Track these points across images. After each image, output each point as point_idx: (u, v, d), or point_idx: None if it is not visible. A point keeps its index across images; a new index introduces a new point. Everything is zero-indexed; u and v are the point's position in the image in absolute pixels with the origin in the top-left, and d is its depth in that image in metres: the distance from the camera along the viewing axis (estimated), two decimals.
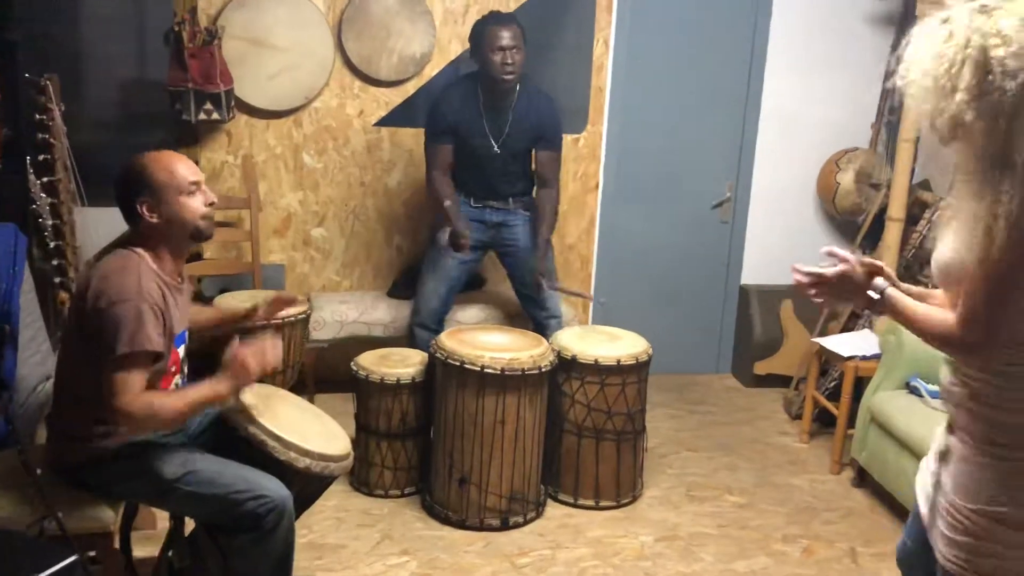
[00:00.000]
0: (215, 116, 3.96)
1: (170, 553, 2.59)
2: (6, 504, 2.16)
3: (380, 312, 4.21)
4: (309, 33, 4.15)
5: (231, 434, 2.31)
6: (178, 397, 2.16)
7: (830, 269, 1.82)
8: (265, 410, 2.33)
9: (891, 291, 1.80)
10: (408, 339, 4.00)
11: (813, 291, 1.84)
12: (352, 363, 3.47)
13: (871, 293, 1.79)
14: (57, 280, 2.82)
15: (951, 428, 1.86)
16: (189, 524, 2.57)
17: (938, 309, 1.77)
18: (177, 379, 2.30)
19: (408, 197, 4.48)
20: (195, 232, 2.25)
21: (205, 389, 2.15)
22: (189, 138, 4.15)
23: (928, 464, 1.97)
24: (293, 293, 2.51)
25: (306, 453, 2.31)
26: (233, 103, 4.04)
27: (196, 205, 2.23)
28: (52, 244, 2.80)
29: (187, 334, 2.37)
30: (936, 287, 1.92)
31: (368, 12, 4.18)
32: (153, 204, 2.18)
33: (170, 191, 2.18)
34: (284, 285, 4.39)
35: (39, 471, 2.03)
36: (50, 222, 2.77)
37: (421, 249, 4.49)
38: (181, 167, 2.22)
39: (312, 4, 4.15)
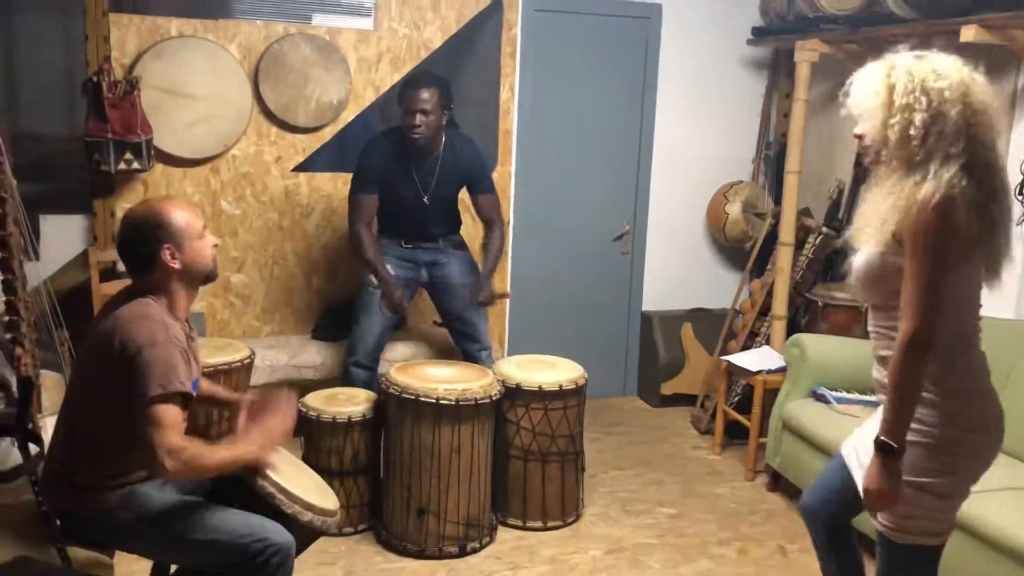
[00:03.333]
0: (135, 165, 3.94)
1: None
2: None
3: (310, 355, 4.25)
4: (226, 82, 4.19)
5: (230, 483, 2.34)
6: (219, 450, 2.21)
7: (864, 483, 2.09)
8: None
9: (882, 426, 2.03)
10: (343, 379, 4.06)
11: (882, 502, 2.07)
12: (300, 404, 3.51)
13: (886, 448, 2.00)
14: (9, 336, 2.76)
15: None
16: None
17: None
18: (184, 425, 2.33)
19: (327, 240, 4.56)
20: (209, 274, 2.32)
21: (240, 451, 2.24)
22: (105, 188, 4.10)
23: (860, 439, 2.26)
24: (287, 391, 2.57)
25: (309, 507, 2.35)
26: (153, 152, 4.02)
27: (207, 248, 2.31)
28: (3, 299, 2.74)
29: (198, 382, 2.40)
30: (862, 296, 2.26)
31: (285, 61, 4.27)
32: (175, 250, 2.23)
33: (188, 236, 2.25)
34: (205, 332, 4.36)
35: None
36: (0, 277, 2.72)
37: (341, 291, 4.58)
38: (191, 213, 2.29)
39: (228, 53, 4.20)
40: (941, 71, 1.97)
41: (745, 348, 4.69)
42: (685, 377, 5.11)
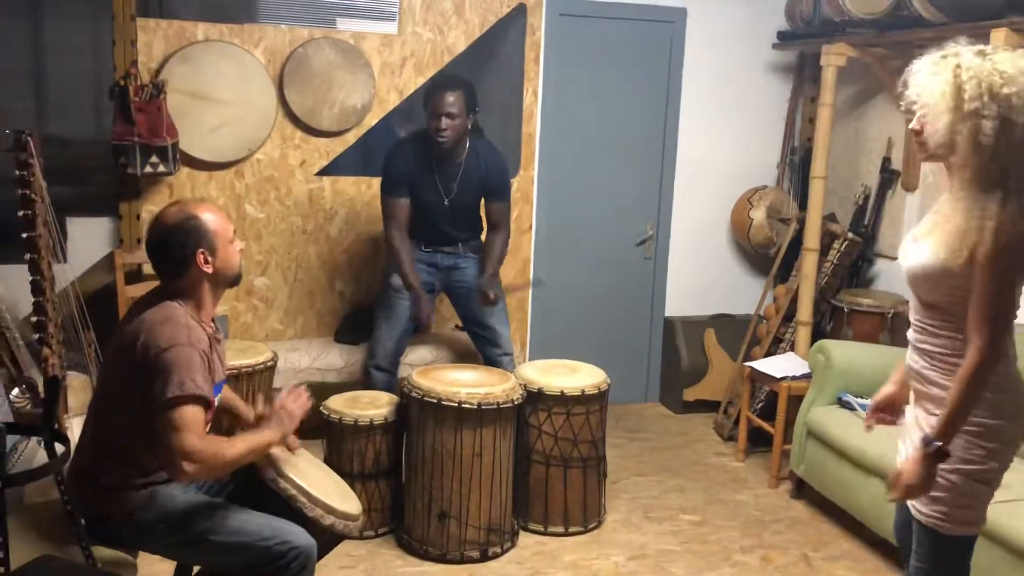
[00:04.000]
0: (161, 169, 3.96)
1: None
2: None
3: (332, 358, 4.26)
4: (252, 86, 4.21)
5: (252, 486, 2.34)
6: (238, 442, 2.21)
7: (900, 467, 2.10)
8: (291, 465, 2.38)
9: (933, 425, 2.04)
10: (364, 382, 4.06)
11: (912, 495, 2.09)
12: (321, 407, 3.52)
13: (930, 448, 2.01)
14: (36, 336, 2.79)
15: (925, 407, 2.13)
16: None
17: (957, 372, 2.01)
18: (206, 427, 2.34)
19: (350, 244, 4.57)
20: (237, 278, 2.32)
21: (259, 436, 2.24)
22: (131, 192, 4.13)
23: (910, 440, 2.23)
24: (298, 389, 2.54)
25: (331, 511, 2.36)
26: (178, 156, 4.04)
27: (237, 252, 2.31)
28: (32, 299, 2.77)
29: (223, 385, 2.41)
30: (913, 289, 2.19)
31: (309, 65, 4.29)
32: (209, 253, 2.24)
33: (221, 239, 2.26)
34: (228, 335, 4.38)
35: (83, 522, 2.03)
36: (29, 278, 2.75)
37: (363, 294, 4.59)
38: (223, 216, 2.30)
39: (254, 57, 4.22)
40: (1008, 75, 1.89)
41: (769, 354, 4.65)
42: (708, 383, 5.08)
